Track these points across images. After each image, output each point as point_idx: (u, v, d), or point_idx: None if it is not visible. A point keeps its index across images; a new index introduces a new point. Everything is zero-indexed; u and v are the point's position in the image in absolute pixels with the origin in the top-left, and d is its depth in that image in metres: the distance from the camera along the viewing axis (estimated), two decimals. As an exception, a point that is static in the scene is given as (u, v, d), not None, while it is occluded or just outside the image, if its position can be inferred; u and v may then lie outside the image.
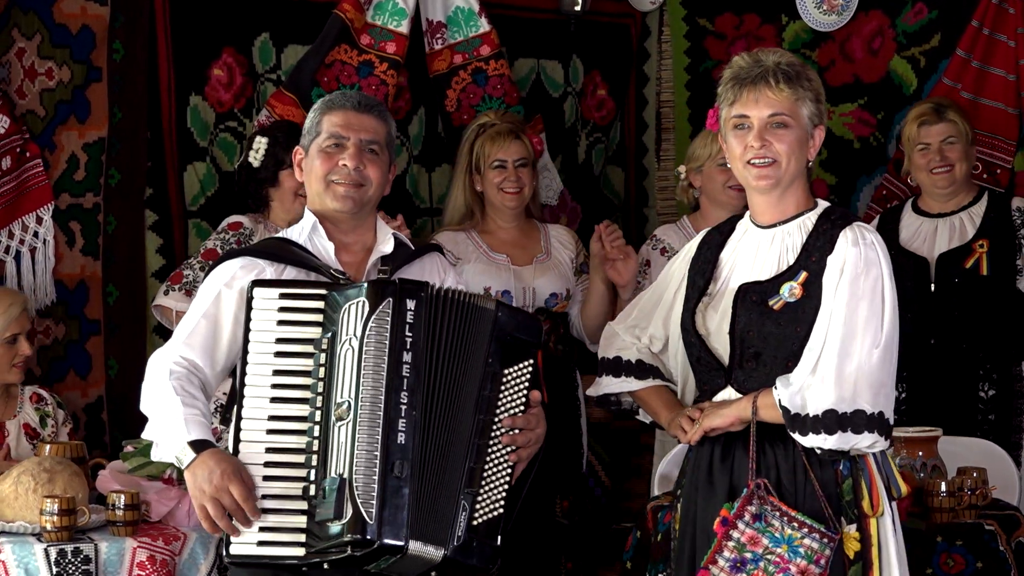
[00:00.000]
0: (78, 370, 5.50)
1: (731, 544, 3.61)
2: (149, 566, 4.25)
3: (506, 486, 3.62)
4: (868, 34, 6.55)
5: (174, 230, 5.72)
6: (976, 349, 5.58)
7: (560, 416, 5.41)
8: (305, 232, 3.82)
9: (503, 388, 3.65)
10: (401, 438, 3.46)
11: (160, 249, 5.68)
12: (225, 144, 5.79)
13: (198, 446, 3.51)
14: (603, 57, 6.88)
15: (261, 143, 5.35)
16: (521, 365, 3.69)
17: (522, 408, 3.67)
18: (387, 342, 3.49)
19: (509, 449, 3.63)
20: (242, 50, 5.86)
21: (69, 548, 4.21)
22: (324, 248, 3.79)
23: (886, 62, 6.53)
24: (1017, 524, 4.62)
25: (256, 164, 5.34)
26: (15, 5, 5.23)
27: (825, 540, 3.59)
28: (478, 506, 3.57)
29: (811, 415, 3.61)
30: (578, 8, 6.60)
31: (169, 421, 3.57)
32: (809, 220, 3.78)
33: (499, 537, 3.60)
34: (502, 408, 3.64)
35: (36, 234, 5.33)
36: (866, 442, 3.63)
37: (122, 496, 4.31)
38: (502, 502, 3.61)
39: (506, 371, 3.66)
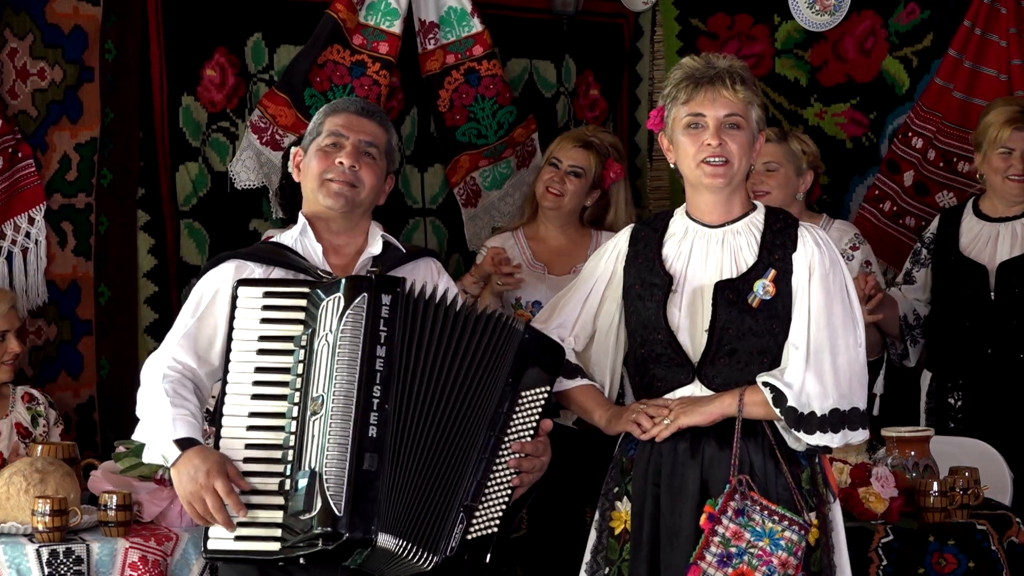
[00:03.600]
0: (70, 370, 5.50)
1: (717, 539, 3.64)
2: (141, 566, 4.24)
3: (504, 506, 3.63)
4: (860, 34, 6.56)
5: (166, 230, 5.71)
6: None
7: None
8: (296, 235, 3.83)
9: (517, 409, 3.66)
10: (372, 431, 3.45)
11: (152, 249, 5.67)
12: (217, 144, 5.79)
13: (183, 444, 3.54)
14: (596, 57, 6.88)
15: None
16: (538, 390, 3.70)
17: (532, 433, 3.68)
18: (360, 336, 3.50)
19: (512, 471, 3.64)
20: (234, 50, 5.85)
21: (61, 549, 4.20)
22: (313, 250, 3.80)
23: (878, 62, 6.53)
24: (1009, 524, 4.63)
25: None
26: (7, 5, 5.23)
27: (802, 532, 3.65)
28: (475, 521, 3.58)
29: (818, 414, 3.65)
30: (570, 8, 6.59)
31: (157, 422, 3.61)
32: (757, 219, 3.84)
33: (489, 556, 3.60)
34: (513, 429, 3.65)
35: (28, 234, 5.33)
36: (860, 438, 3.72)
37: (114, 497, 4.30)
38: (497, 521, 3.61)
39: (523, 393, 3.67)
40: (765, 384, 3.69)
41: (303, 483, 3.42)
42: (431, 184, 6.38)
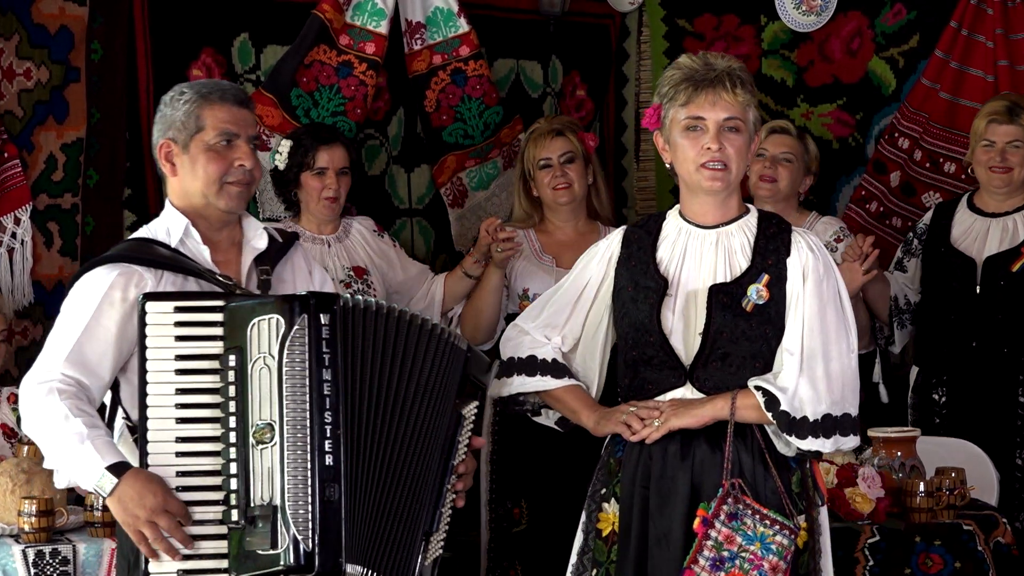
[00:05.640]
0: (56, 371, 5.48)
1: (710, 543, 3.63)
2: (128, 568, 4.24)
3: (447, 527, 3.59)
4: (847, 35, 6.57)
5: (153, 231, 5.70)
6: (1018, 354, 5.48)
7: None
8: (177, 235, 3.61)
9: (462, 430, 3.61)
10: (329, 459, 3.30)
11: (138, 250, 5.66)
12: (204, 144, 5.78)
13: (117, 470, 3.33)
14: (582, 58, 6.88)
15: (285, 146, 5.38)
16: (472, 406, 3.64)
17: (467, 451, 3.64)
18: (307, 362, 3.32)
19: (454, 492, 3.60)
20: (221, 50, 5.85)
21: (47, 549, 4.20)
22: (199, 251, 3.61)
23: (865, 63, 6.55)
24: (995, 524, 4.64)
25: (281, 167, 5.37)
26: (-7, 6, 5.23)
27: (792, 536, 3.64)
28: (430, 546, 3.53)
29: (810, 419, 3.64)
30: (557, 9, 6.60)
31: (76, 448, 3.36)
32: (750, 222, 3.81)
33: None
34: (459, 452, 3.60)
35: (14, 235, 5.32)
36: (851, 443, 3.71)
37: (100, 497, 4.29)
38: (443, 543, 3.58)
39: (464, 412, 3.62)
40: (758, 388, 3.68)
41: (263, 517, 3.27)
42: (418, 184, 6.38)
